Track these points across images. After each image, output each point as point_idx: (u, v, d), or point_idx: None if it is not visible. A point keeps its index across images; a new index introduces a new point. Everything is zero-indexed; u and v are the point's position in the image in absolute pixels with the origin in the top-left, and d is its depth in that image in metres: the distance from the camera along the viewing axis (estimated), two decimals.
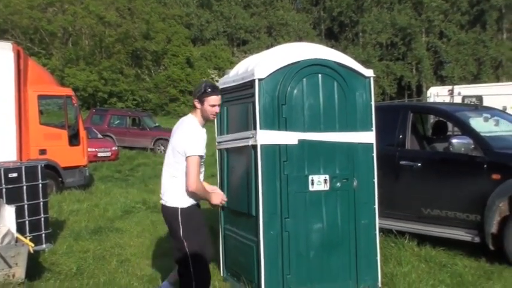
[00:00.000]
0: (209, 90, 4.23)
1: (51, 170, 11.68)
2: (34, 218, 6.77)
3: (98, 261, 6.67)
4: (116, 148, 21.34)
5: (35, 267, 6.00)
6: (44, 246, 6.86)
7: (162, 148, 24.12)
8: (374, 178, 5.31)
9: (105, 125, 24.39)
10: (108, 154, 20.36)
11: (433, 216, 7.01)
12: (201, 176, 4.34)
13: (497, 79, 46.18)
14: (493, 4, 50.29)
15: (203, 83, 4.33)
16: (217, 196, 4.50)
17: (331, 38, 56.27)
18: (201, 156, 4.18)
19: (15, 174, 6.63)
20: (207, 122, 4.38)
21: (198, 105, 4.25)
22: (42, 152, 11.75)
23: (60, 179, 12.29)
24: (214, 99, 4.27)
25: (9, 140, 10.31)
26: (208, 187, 4.55)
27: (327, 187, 5.07)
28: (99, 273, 6.19)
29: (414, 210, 7.21)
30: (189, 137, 4.19)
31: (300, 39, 46.73)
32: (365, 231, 5.24)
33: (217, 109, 4.31)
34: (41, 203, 6.90)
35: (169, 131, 24.40)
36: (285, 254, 4.94)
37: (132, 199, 11.29)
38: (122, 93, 39.57)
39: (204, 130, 4.32)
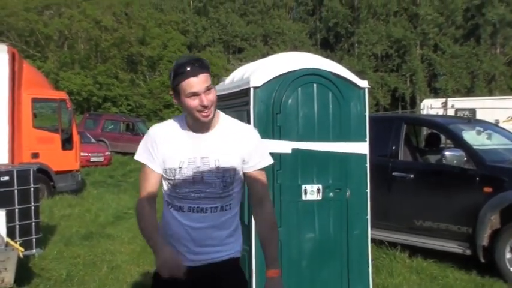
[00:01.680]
0: (180, 70, 2.40)
1: (43, 174, 11.64)
2: (25, 222, 6.71)
3: (88, 268, 6.63)
4: (109, 153, 21.28)
5: (24, 272, 5.96)
6: (34, 251, 6.80)
7: None
8: (367, 189, 5.31)
9: (98, 129, 24.35)
10: (101, 159, 20.30)
11: (425, 228, 7.02)
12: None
13: (490, 93, 46.38)
14: (487, 19, 50.55)
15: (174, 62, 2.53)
16: (166, 264, 2.28)
17: (326, 48, 56.36)
18: (149, 167, 2.57)
19: (6, 178, 6.57)
20: (204, 124, 2.50)
21: (175, 100, 2.53)
22: (35, 155, 11.70)
23: (52, 183, 12.23)
24: (191, 84, 2.38)
25: (1, 143, 10.25)
26: None
27: (319, 197, 5.06)
28: (89, 279, 6.15)
29: (406, 221, 7.21)
30: None
31: (295, 48, 46.82)
32: (357, 242, 5.23)
33: (204, 100, 2.39)
34: (32, 207, 6.85)
35: None
36: None
37: (124, 205, 11.26)
38: (116, 98, 39.57)
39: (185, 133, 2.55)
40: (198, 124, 2.48)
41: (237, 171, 2.53)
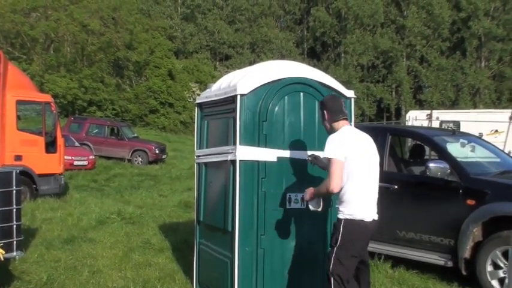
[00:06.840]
0: None
1: (26, 177, 11.52)
2: (6, 224, 6.63)
3: (69, 272, 6.56)
4: (93, 157, 21.12)
5: (4, 275, 5.90)
6: (14, 254, 6.70)
7: (140, 159, 23.95)
8: None
9: (83, 133, 24.18)
10: (85, 163, 20.15)
11: (408, 239, 7.04)
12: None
13: (475, 106, 46.92)
14: (473, 32, 51.19)
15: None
16: None
17: (313, 57, 56.66)
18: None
19: None
20: None
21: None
22: (18, 158, 11.58)
23: (34, 186, 12.12)
24: None
25: None
26: None
27: (304, 205, 5.06)
28: (70, 283, 6.10)
29: (389, 232, 7.21)
30: None
31: (282, 57, 47.00)
32: None
33: None
34: (14, 210, 6.75)
35: (147, 142, 24.13)
36: (259, 271, 4.91)
37: (106, 209, 11.16)
38: (101, 102, 39.27)
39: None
40: None
41: None
